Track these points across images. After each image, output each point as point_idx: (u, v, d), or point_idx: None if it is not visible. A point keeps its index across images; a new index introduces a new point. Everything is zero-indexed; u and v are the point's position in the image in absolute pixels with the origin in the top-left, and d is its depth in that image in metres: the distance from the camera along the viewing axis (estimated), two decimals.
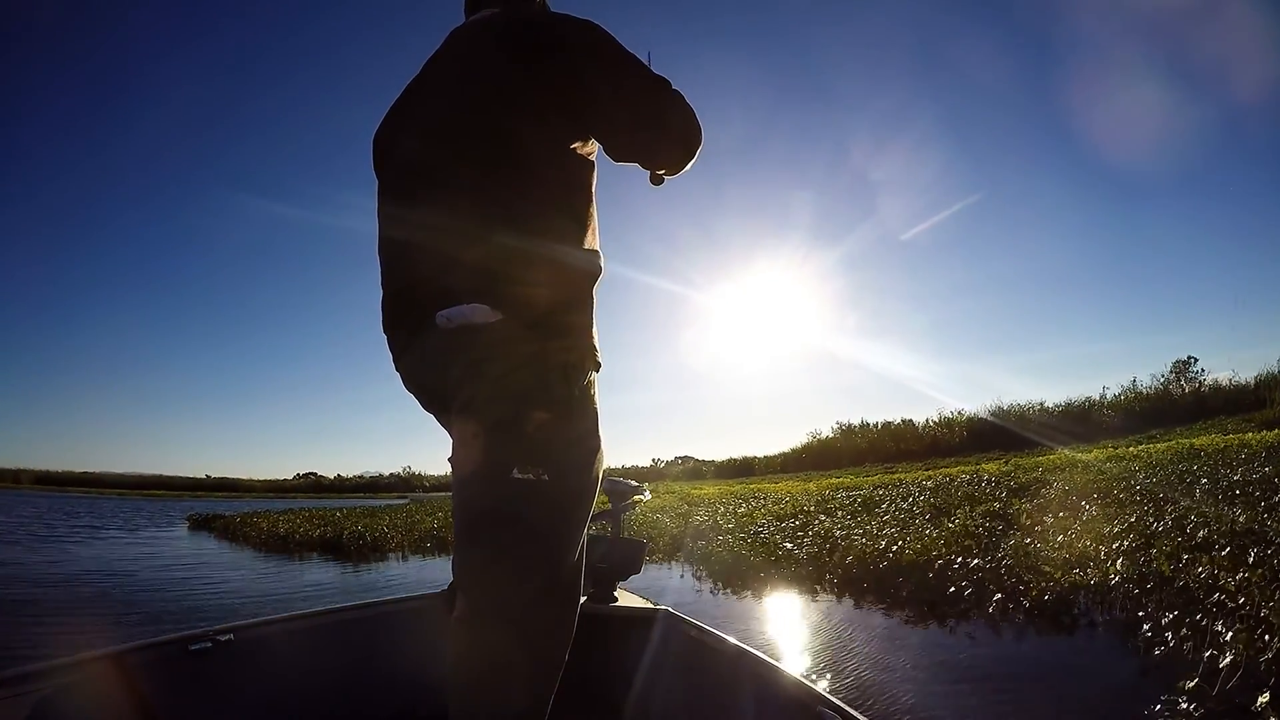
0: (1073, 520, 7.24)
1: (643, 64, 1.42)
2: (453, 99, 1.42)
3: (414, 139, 1.47)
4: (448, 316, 1.31)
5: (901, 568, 6.29)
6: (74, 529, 18.13)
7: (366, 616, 2.49)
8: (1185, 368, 28.07)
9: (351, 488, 70.68)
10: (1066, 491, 8.95)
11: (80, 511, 26.78)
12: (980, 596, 5.29)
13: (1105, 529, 6.39)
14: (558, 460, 1.29)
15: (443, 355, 1.35)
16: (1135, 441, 18.05)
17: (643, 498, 3.17)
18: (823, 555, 7.33)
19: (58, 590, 8.10)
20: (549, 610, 1.31)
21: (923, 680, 3.94)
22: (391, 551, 12.13)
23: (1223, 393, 24.92)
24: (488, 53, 1.42)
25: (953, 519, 8.29)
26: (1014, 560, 5.76)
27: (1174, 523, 6.09)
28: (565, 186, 1.40)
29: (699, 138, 1.49)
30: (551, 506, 1.29)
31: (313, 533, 14.21)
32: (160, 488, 74.13)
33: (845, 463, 29.60)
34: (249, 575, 9.91)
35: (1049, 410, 27.98)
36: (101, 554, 12.20)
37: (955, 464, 20.92)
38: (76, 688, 1.75)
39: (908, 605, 5.61)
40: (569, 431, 1.33)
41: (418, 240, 1.41)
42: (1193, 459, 10.27)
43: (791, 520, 10.28)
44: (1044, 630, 4.64)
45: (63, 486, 69.53)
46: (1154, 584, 4.67)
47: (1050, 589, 5.04)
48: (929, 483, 13.03)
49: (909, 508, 9.92)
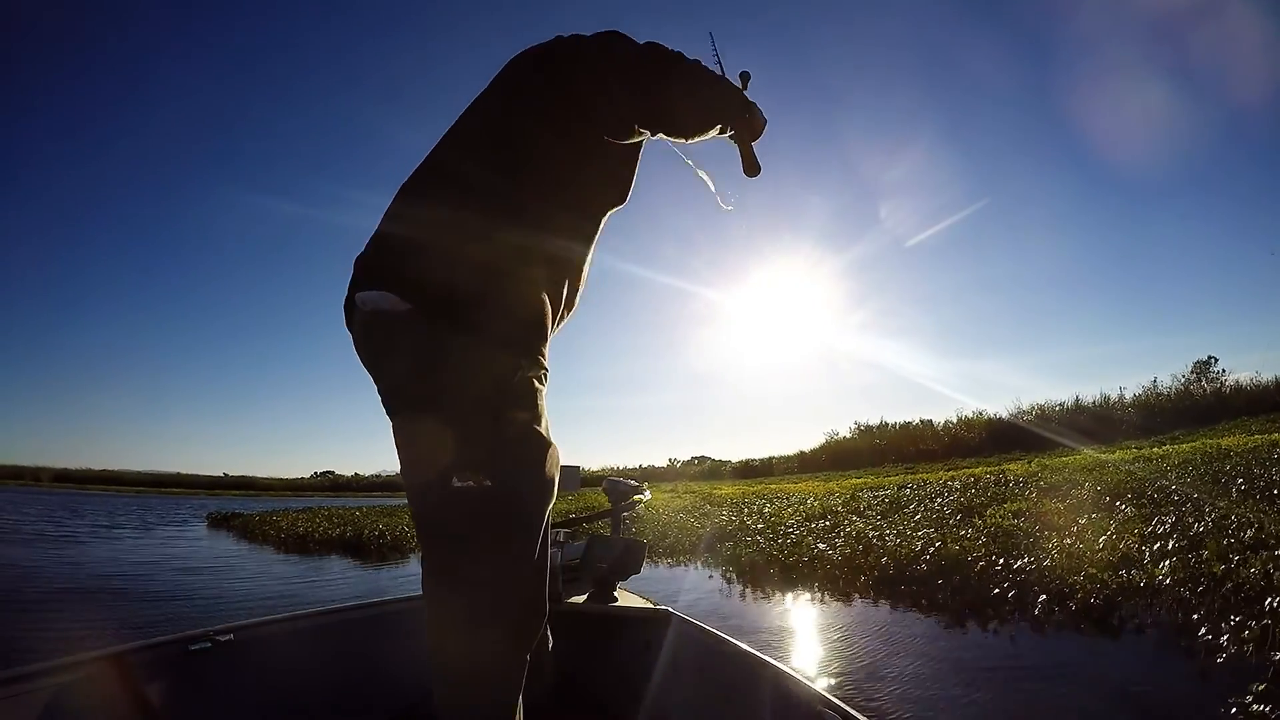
0: (1109, 521, 7.14)
1: (647, 44, 1.42)
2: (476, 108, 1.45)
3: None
4: (363, 299, 1.27)
5: (940, 569, 6.23)
6: (94, 527, 18.25)
7: (367, 616, 2.51)
8: (1206, 368, 27.81)
9: (369, 486, 70.71)
10: (1099, 492, 8.83)
11: (96, 509, 26.93)
12: (1023, 598, 5.22)
13: (1144, 529, 6.30)
14: (501, 465, 1.24)
15: (360, 336, 1.33)
16: (1158, 442, 17.83)
17: (643, 498, 3.18)
18: (857, 557, 7.27)
19: (74, 590, 8.16)
20: (506, 614, 1.26)
21: (972, 685, 3.89)
22: (414, 551, 12.12)
23: (1244, 393, 24.61)
24: (521, 68, 1.44)
25: (985, 519, 8.20)
26: (1055, 561, 5.68)
27: (1215, 523, 5.99)
28: (483, 153, 1.36)
29: (719, 102, 1.47)
30: (500, 513, 1.24)
31: (332, 532, 14.24)
32: (178, 485, 74.40)
33: (864, 463, 29.38)
34: (267, 577, 9.93)
35: (1069, 410, 27.76)
36: (118, 555, 12.25)
37: (977, 464, 20.74)
38: (77, 688, 1.75)
39: (948, 609, 5.55)
40: (512, 434, 1.27)
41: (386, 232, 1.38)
42: (1223, 459, 10.12)
43: (821, 521, 10.22)
44: (1092, 633, 4.58)
45: (81, 484, 69.91)
46: (1206, 585, 4.59)
47: (1097, 591, 4.97)
48: (955, 483, 12.91)
49: (939, 508, 9.83)
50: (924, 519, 9.05)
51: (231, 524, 19.18)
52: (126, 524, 19.94)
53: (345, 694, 2.35)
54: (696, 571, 8.64)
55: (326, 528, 15.00)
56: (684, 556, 9.63)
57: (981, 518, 8.42)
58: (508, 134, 1.37)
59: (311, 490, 71.25)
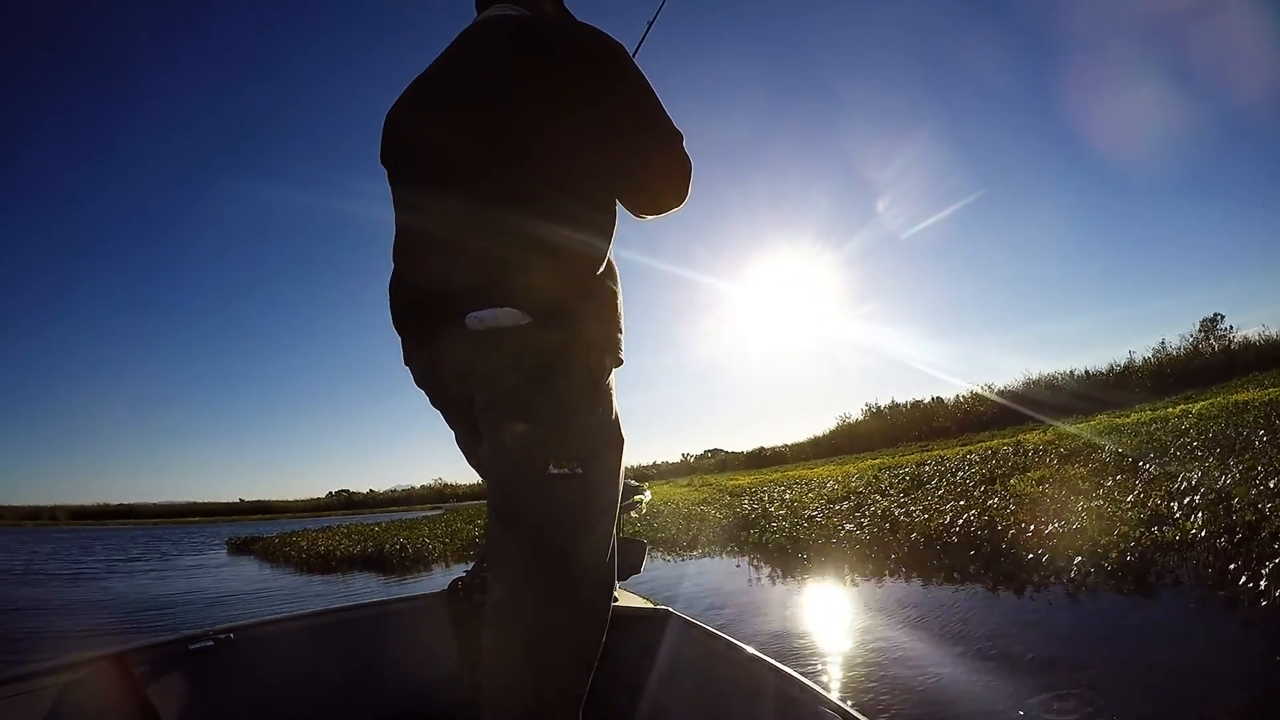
0: (1133, 480, 7.12)
1: (663, 108, 1.40)
2: (469, 94, 1.43)
3: (428, 134, 1.47)
4: (479, 318, 1.31)
5: (970, 539, 6.22)
6: (111, 563, 18.11)
7: (367, 616, 2.50)
8: (1213, 325, 27.73)
9: (385, 502, 70.91)
10: (1120, 454, 8.80)
11: (122, 542, 26.97)
12: (1056, 562, 5.21)
13: (1171, 486, 6.28)
14: (589, 453, 1.31)
15: (469, 354, 1.34)
16: (1172, 403, 17.78)
17: (644, 498, 3.20)
18: (884, 535, 7.28)
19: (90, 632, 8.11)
20: (583, 599, 1.32)
21: (1018, 652, 3.88)
22: (435, 562, 12.13)
23: (1254, 349, 24.56)
24: (506, 49, 1.42)
25: (1009, 488, 8.19)
26: (1087, 524, 5.66)
27: (1242, 474, 5.97)
28: (577, 178, 1.38)
29: (683, 199, 1.46)
30: (586, 499, 1.31)
31: (353, 549, 14.22)
32: (196, 514, 74.47)
33: (878, 444, 29.34)
34: (294, 597, 9.92)
35: (1080, 379, 27.70)
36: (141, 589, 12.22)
37: (992, 437, 20.73)
38: (77, 688, 1.76)
39: (982, 578, 5.55)
40: (597, 424, 1.35)
41: (431, 235, 1.42)
42: (1242, 413, 10.09)
43: (845, 502, 10.21)
44: (1131, 591, 4.56)
45: (99, 520, 70.06)
46: (1242, 535, 4.57)
47: (1131, 549, 4.96)
48: (973, 456, 12.89)
49: (961, 480, 9.82)
50: (948, 493, 9.04)
51: (252, 548, 19.17)
52: (145, 556, 19.97)
53: (345, 694, 2.35)
54: (723, 563, 8.61)
55: (347, 545, 15.00)
56: (709, 548, 9.60)
57: (1006, 487, 8.41)
58: (517, 127, 1.38)
59: (328, 510, 71.33)
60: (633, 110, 1.37)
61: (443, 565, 11.69)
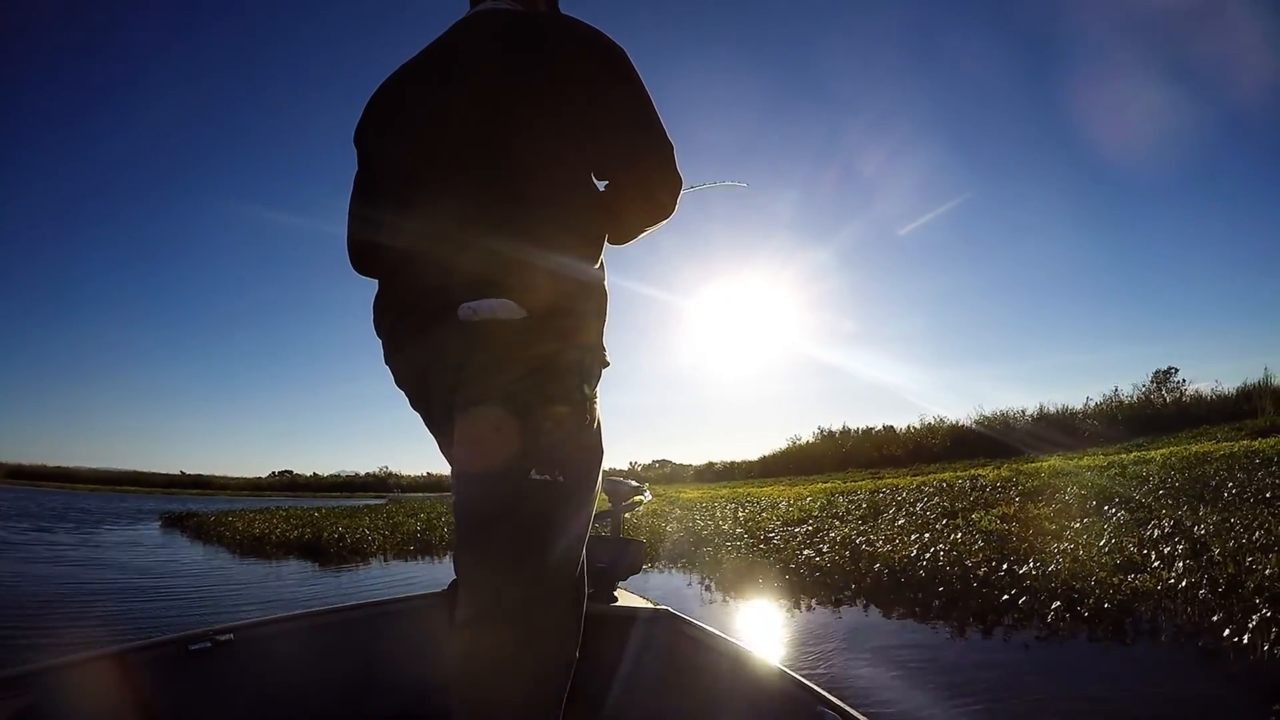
0: (1102, 524, 7.02)
1: (659, 122, 1.39)
2: (461, 82, 1.40)
3: (418, 120, 1.43)
4: (473, 308, 1.28)
5: (939, 576, 6.00)
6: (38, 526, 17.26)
7: (367, 616, 2.53)
8: (1166, 377, 28.36)
9: (328, 487, 69.21)
10: (1083, 496, 8.75)
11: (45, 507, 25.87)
12: (1033, 605, 5.01)
13: (1142, 534, 6.17)
14: (570, 461, 1.31)
15: (460, 346, 1.31)
16: (1124, 449, 17.98)
17: (643, 498, 3.15)
18: (845, 564, 7.03)
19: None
20: (558, 610, 1.32)
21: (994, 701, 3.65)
22: (373, 555, 11.66)
23: (1205, 403, 25.13)
24: (500, 41, 1.40)
25: (971, 523, 8.05)
26: (1061, 566, 5.50)
27: (1216, 526, 5.87)
28: (572, 176, 1.38)
29: (668, 212, 1.46)
30: (565, 508, 1.31)
31: (290, 534, 13.73)
32: (135, 484, 72.17)
33: (827, 468, 29.41)
34: (224, 581, 9.42)
35: (1033, 417, 28.06)
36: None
37: (943, 469, 20.80)
38: (76, 688, 1.77)
39: (953, 616, 5.31)
40: (581, 431, 1.34)
41: (420, 227, 1.38)
42: (1204, 464, 10.12)
43: (804, 525, 10.01)
44: (1106, 638, 4.38)
45: (35, 481, 67.54)
46: (1224, 586, 4.42)
47: (1108, 596, 4.78)
48: (927, 488, 12.82)
49: (921, 512, 9.68)
50: (908, 524, 8.87)
51: (186, 524, 18.47)
52: (64, 525, 19.08)
53: (345, 694, 2.37)
54: (677, 578, 8.33)
55: (284, 529, 14.49)
56: (662, 563, 9.33)
57: (968, 521, 8.28)
58: (509, 137, 1.35)
59: (270, 489, 69.66)
60: (629, 112, 1.37)
61: (381, 559, 11.23)
